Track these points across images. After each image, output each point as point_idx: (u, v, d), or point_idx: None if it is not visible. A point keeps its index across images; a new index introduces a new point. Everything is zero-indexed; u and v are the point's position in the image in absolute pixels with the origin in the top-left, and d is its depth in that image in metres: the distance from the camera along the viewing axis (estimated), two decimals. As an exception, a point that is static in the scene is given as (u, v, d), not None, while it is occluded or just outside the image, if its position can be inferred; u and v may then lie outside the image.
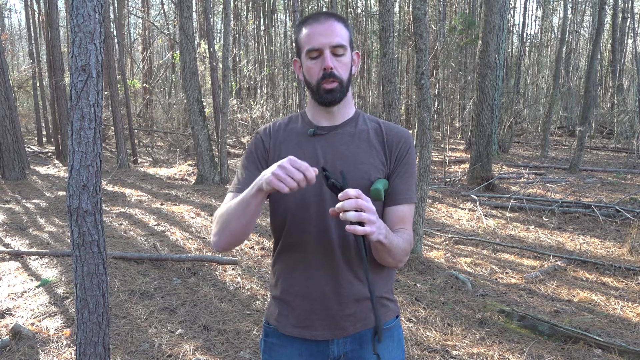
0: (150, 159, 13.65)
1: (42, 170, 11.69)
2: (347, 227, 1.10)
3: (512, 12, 20.50)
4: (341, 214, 1.11)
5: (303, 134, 1.38)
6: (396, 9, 20.91)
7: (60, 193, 8.40)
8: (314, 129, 1.37)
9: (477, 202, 7.47)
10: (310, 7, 20.11)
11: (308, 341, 1.37)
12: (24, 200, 7.86)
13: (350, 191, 1.11)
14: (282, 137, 1.39)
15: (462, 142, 16.49)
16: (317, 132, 1.36)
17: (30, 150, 14.89)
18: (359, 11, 21.83)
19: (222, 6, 19.13)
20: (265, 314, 1.46)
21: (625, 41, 20.82)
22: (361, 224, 1.11)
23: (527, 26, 28.03)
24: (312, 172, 1.11)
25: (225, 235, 1.28)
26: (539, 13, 25.03)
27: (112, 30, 12.76)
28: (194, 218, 6.64)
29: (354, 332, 1.37)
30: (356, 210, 1.10)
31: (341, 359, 1.38)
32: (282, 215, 1.36)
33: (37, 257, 4.81)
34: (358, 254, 1.31)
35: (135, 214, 6.79)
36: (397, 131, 1.40)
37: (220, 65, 11.92)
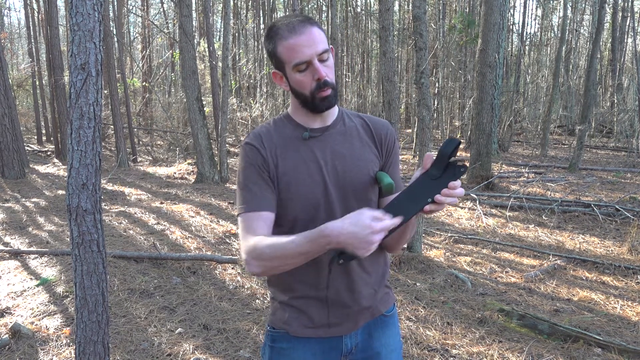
0: (150, 158, 13.64)
1: (42, 169, 11.69)
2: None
3: (511, 11, 20.49)
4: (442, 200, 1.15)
5: (297, 138, 1.36)
6: (396, 7, 20.90)
7: (60, 192, 8.39)
8: (308, 132, 1.36)
9: (477, 201, 7.46)
10: (310, 6, 20.10)
11: (322, 339, 1.37)
12: (24, 199, 7.86)
13: (458, 191, 1.14)
14: (276, 144, 1.35)
15: (462, 141, 16.47)
16: (311, 135, 1.36)
17: (29, 149, 14.88)
18: (358, 10, 21.82)
19: (221, 5, 19.11)
20: (270, 319, 1.43)
21: (625, 40, 20.80)
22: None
23: (527, 25, 28.03)
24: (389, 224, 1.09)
25: (273, 272, 1.27)
26: (539, 12, 25.04)
27: (111, 28, 12.74)
28: (193, 217, 6.64)
29: (364, 324, 1.41)
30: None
31: (353, 350, 1.40)
32: (291, 222, 1.34)
33: (36, 256, 4.81)
34: None
35: (135, 213, 6.79)
36: (382, 123, 1.45)
37: (219, 64, 11.91)
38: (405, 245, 4.80)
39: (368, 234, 1.04)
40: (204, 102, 10.96)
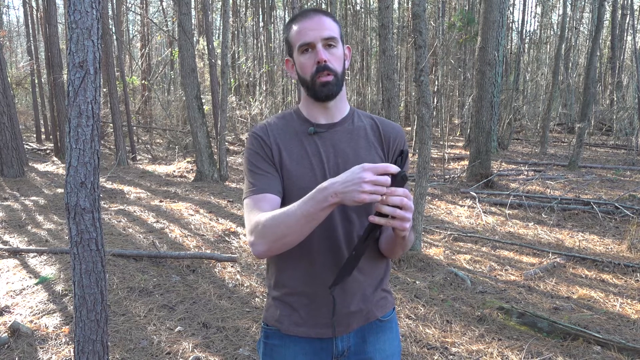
0: (149, 156, 13.63)
1: (41, 167, 11.67)
2: (389, 221, 1.10)
3: (511, 8, 20.45)
4: (380, 206, 1.09)
5: (302, 132, 1.36)
6: (395, 5, 20.87)
7: (59, 190, 8.38)
8: (314, 127, 1.36)
9: (477, 199, 7.46)
10: (309, 3, 20.04)
11: (312, 339, 1.36)
12: (23, 198, 7.85)
13: (399, 190, 1.08)
14: (281, 136, 1.36)
15: (462, 139, 16.48)
16: (317, 130, 1.36)
17: (28, 147, 14.85)
18: (358, 8, 21.77)
19: (220, 3, 19.08)
20: (264, 315, 1.44)
21: (625, 38, 20.79)
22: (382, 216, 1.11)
23: (527, 23, 28.05)
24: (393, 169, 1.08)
25: (278, 247, 1.21)
26: (539, 10, 24.99)
27: (110, 27, 12.72)
28: (192, 215, 6.63)
29: (357, 327, 1.38)
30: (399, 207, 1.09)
31: (345, 353, 1.38)
32: None
33: (35, 254, 4.80)
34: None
35: (134, 211, 6.78)
36: (393, 127, 1.43)
37: (219, 62, 11.90)
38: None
39: (359, 173, 1.05)
40: (203, 100, 10.95)
